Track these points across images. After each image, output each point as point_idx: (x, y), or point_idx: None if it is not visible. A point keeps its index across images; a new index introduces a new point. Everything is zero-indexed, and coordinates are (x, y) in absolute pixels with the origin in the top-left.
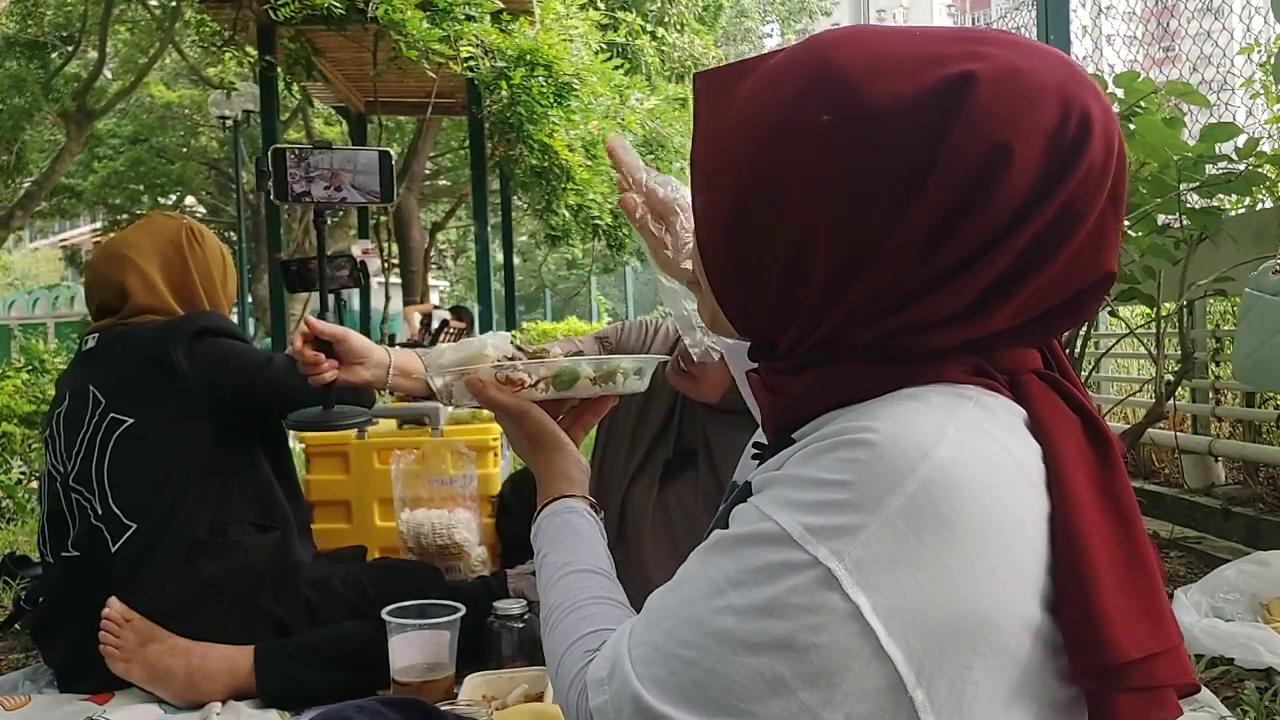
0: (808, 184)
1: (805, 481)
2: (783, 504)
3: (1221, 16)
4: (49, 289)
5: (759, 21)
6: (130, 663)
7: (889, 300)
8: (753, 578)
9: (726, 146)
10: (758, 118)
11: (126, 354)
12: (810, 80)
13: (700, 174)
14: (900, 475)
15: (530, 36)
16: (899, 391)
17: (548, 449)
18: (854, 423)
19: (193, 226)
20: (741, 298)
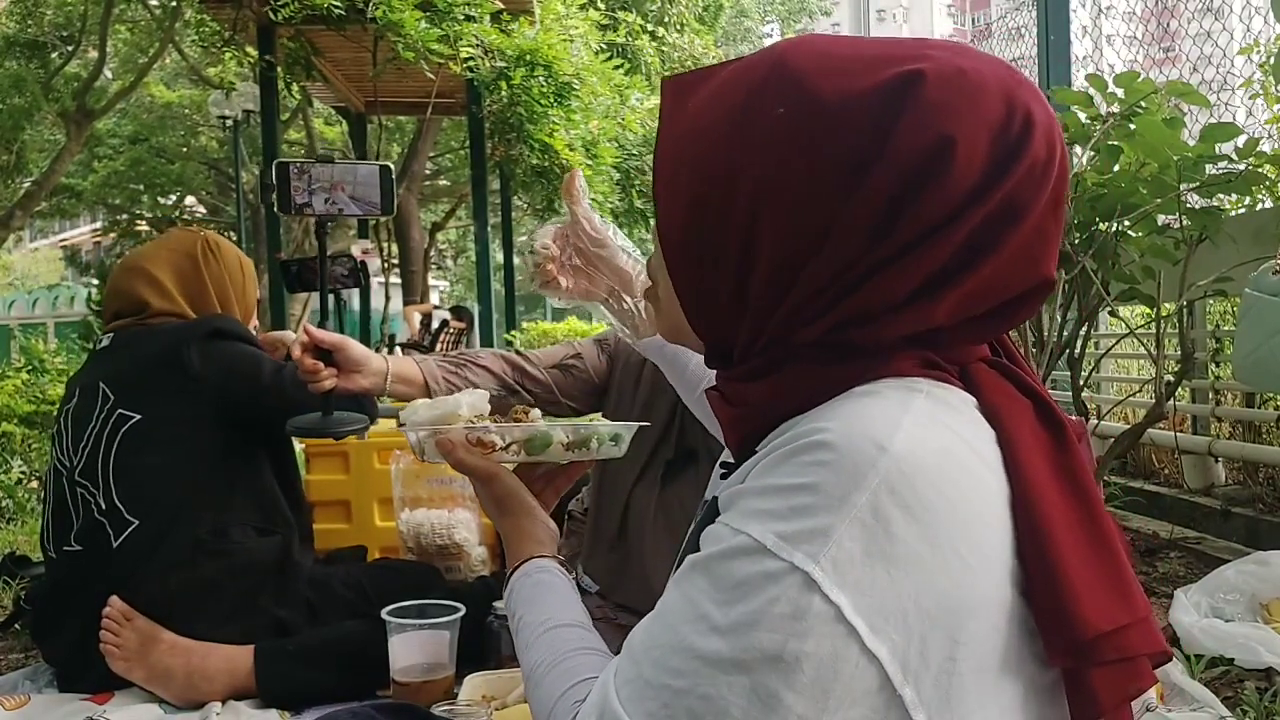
0: (759, 175)
1: (769, 490)
2: (751, 515)
3: (1221, 16)
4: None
5: (759, 21)
6: (130, 662)
7: (836, 289)
8: (733, 594)
9: (684, 147)
10: (713, 116)
11: (139, 352)
12: (765, 78)
13: (661, 179)
14: (861, 472)
15: (530, 36)
16: (852, 390)
17: (515, 513)
18: (809, 425)
19: (209, 238)
20: (699, 298)
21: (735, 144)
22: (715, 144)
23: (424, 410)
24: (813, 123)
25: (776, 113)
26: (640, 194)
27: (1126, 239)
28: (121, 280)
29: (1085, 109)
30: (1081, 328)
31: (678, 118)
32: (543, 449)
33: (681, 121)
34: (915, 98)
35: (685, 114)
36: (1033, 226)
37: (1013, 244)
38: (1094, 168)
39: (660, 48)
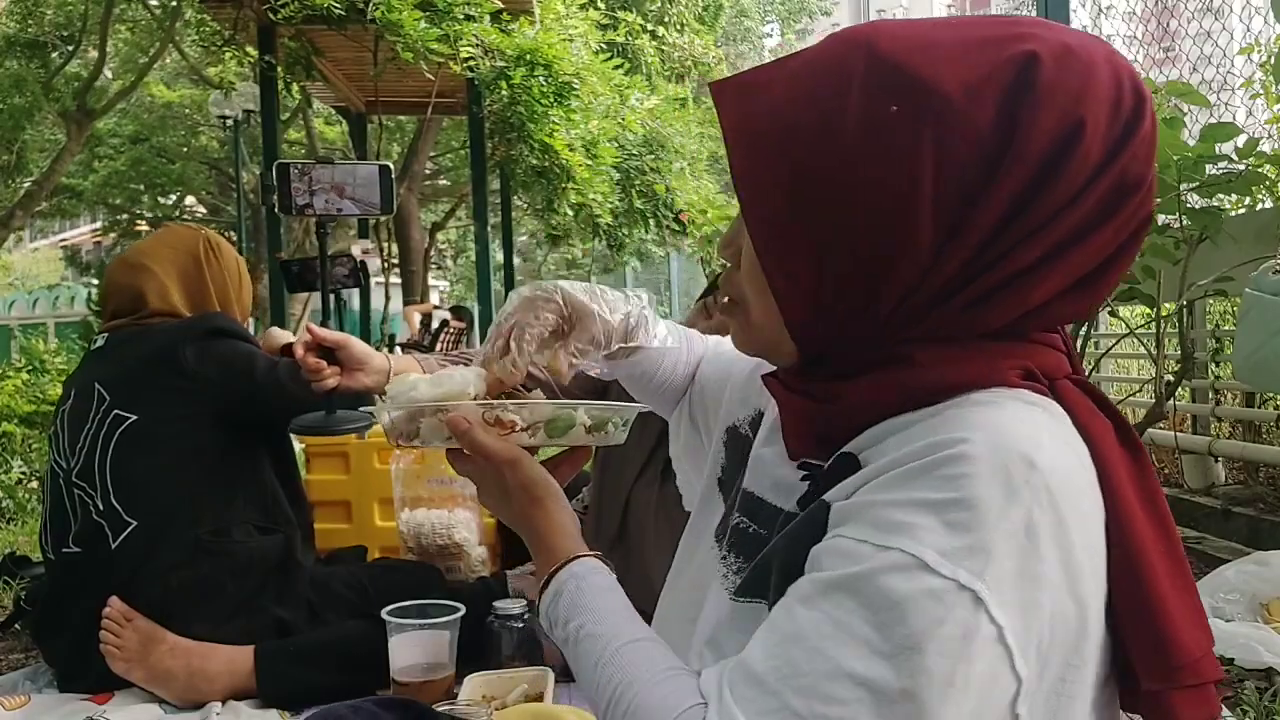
0: (878, 177)
1: (916, 504)
2: (897, 530)
3: (1221, 16)
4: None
5: (759, 21)
6: (130, 663)
7: (955, 284)
8: (892, 615)
9: (775, 154)
10: (801, 116)
11: (135, 353)
12: (865, 75)
13: (746, 186)
14: (1016, 488)
15: (530, 36)
16: (966, 397)
17: (543, 499)
18: (943, 436)
19: (210, 237)
20: (803, 300)
21: (836, 148)
22: (808, 153)
23: (425, 387)
24: (937, 120)
25: (889, 111)
26: (640, 194)
27: None
28: (122, 275)
29: None
30: (1082, 328)
31: (752, 120)
32: (565, 431)
33: (758, 123)
34: (1037, 82)
35: (760, 115)
36: (1146, 192)
37: (1125, 213)
38: None
39: (660, 48)
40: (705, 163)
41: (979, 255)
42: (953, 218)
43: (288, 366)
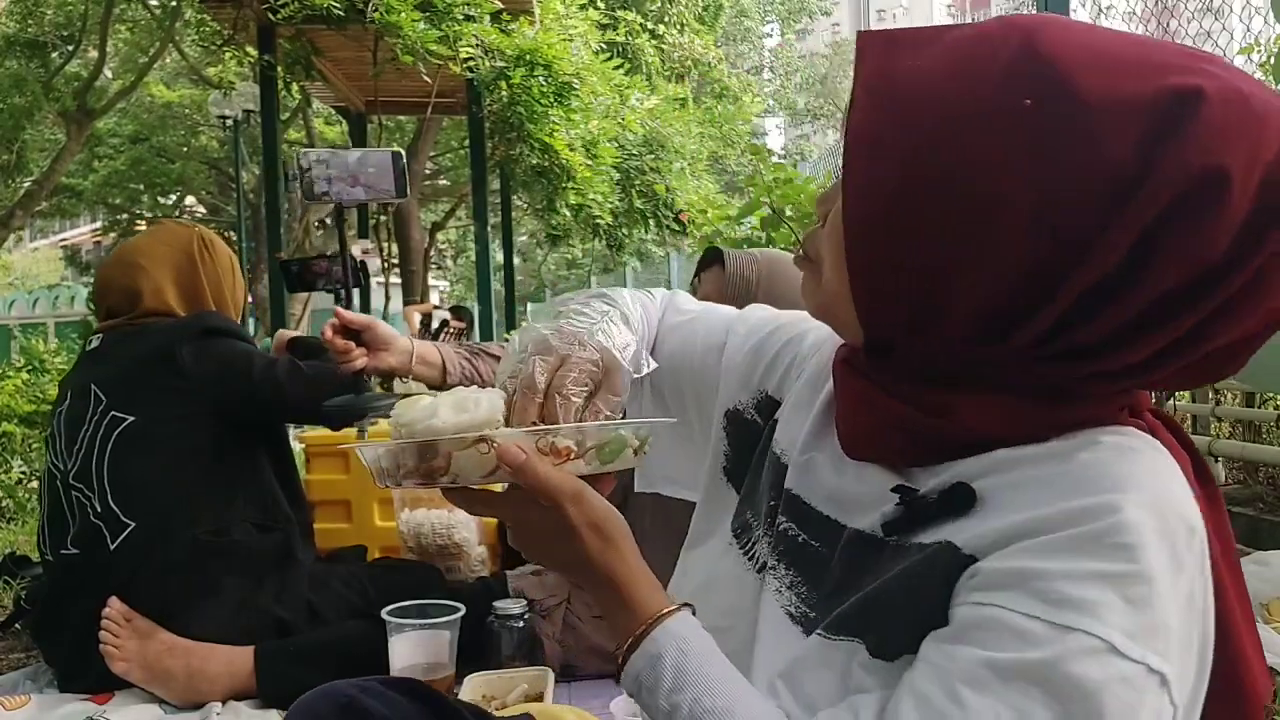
0: (1000, 171)
1: (1090, 578)
2: (1078, 608)
3: (1221, 16)
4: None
5: (759, 21)
6: (130, 663)
7: (1071, 314)
8: (1087, 707)
9: (900, 118)
10: (942, 92)
11: (131, 353)
12: (1012, 62)
13: (861, 143)
14: (1180, 556)
15: (530, 36)
16: (1089, 436)
17: (617, 540)
18: (1097, 497)
19: (204, 235)
20: (888, 284)
21: (967, 136)
22: (938, 132)
23: (448, 412)
24: (1068, 125)
25: (1023, 105)
26: (640, 194)
27: None
28: (116, 274)
29: None
30: None
31: (889, 80)
32: (617, 454)
33: (894, 83)
34: (1194, 118)
35: (900, 76)
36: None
37: (1263, 309)
38: None
39: (660, 47)
40: (705, 163)
41: (1098, 294)
42: (1074, 236)
43: (286, 364)
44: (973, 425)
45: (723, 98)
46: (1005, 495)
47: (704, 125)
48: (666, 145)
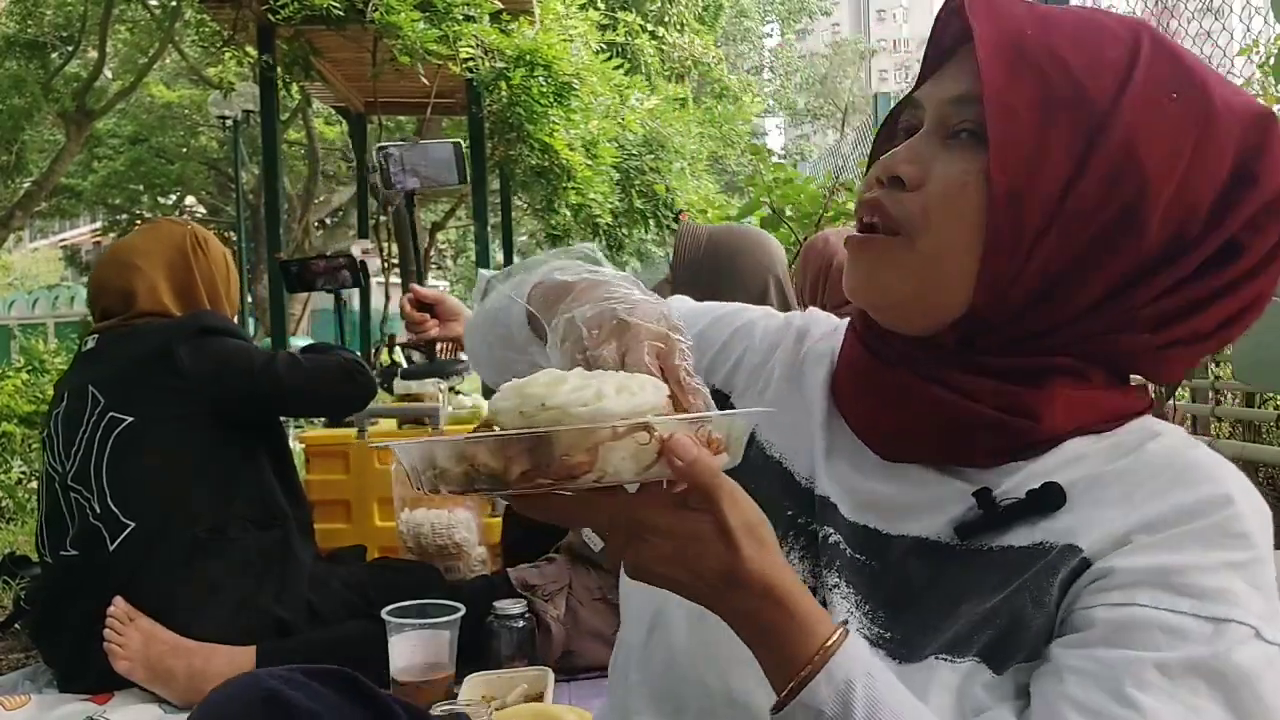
0: (1154, 158)
1: (1226, 568)
2: (1223, 599)
3: (1221, 16)
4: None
5: (759, 21)
6: (133, 662)
7: (1162, 307)
8: (1249, 692)
9: (1036, 78)
10: (1079, 58)
11: (127, 353)
12: (1150, 50)
13: (1000, 102)
14: (1271, 537)
15: (530, 36)
16: (1143, 425)
17: (772, 546)
18: (1211, 489)
19: (197, 232)
20: (1017, 253)
21: (1114, 104)
22: (1088, 93)
23: (615, 397)
24: (1206, 126)
25: (1170, 97)
26: (640, 194)
27: None
28: (111, 274)
29: None
30: None
31: (1021, 39)
32: (740, 449)
33: (1027, 42)
34: (1276, 135)
35: (1032, 39)
36: None
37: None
38: None
39: (660, 48)
40: (705, 163)
41: (1183, 283)
42: (1180, 231)
43: (285, 357)
44: (1060, 423)
45: (723, 98)
46: (1093, 492)
47: (704, 125)
48: (666, 145)
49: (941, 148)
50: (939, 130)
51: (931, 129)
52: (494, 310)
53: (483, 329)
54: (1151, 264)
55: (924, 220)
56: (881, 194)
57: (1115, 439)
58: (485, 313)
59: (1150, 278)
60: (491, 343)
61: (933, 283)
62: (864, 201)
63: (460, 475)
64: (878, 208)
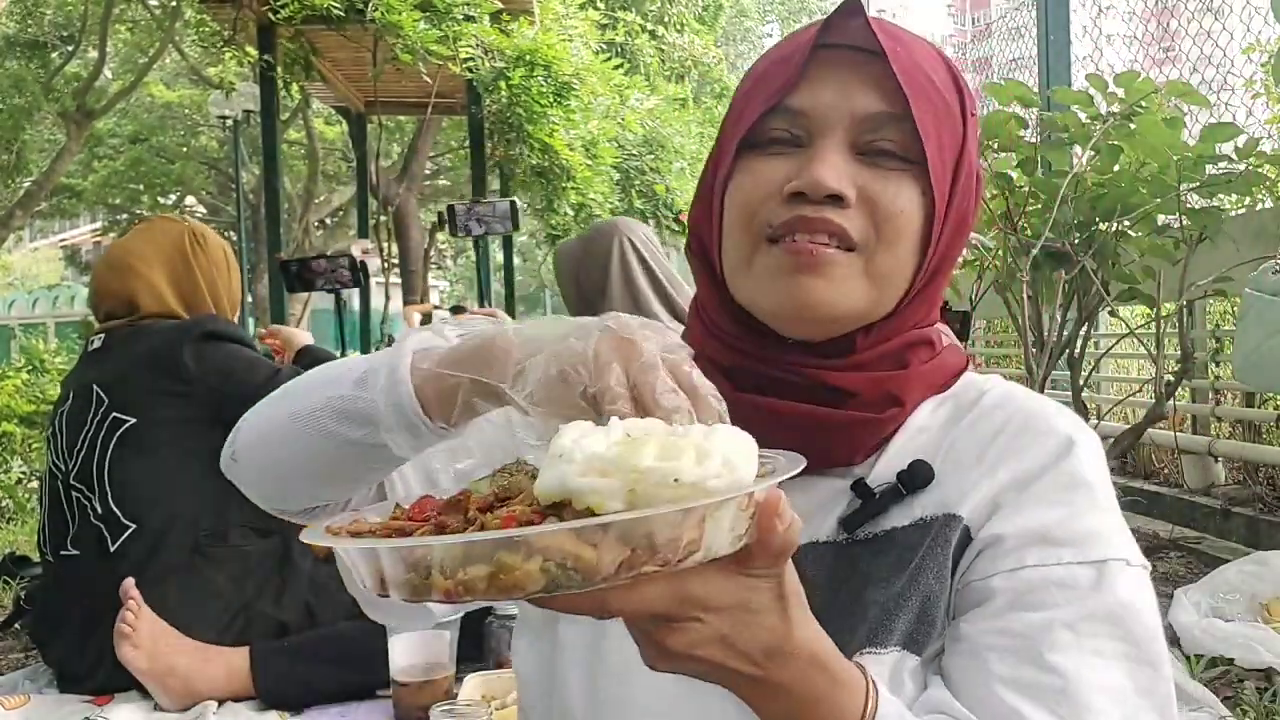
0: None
1: (1083, 509)
2: (1094, 540)
3: (1221, 16)
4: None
5: (759, 21)
6: (140, 650)
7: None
8: (1135, 620)
9: (941, 113)
10: (940, 74)
11: (132, 354)
12: (958, 70)
13: (931, 135)
14: (1104, 464)
15: (529, 36)
16: (971, 377)
17: (808, 609)
18: (1055, 437)
19: (194, 229)
20: (950, 258)
21: (965, 119)
22: (958, 119)
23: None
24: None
25: (974, 112)
26: (640, 194)
27: (1126, 239)
28: (111, 280)
29: (1085, 109)
30: (1081, 328)
31: (919, 73)
32: None
33: (923, 78)
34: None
35: (919, 72)
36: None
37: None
38: (1094, 168)
39: (660, 48)
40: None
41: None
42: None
43: (290, 373)
44: (916, 399)
45: (723, 98)
46: (951, 457)
47: (704, 125)
48: (666, 145)
49: (864, 166)
50: (850, 146)
51: (842, 143)
52: (334, 410)
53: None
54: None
55: (878, 240)
56: (831, 211)
57: (953, 400)
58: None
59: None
60: (314, 456)
61: (879, 298)
62: (810, 219)
63: (533, 573)
64: (829, 224)
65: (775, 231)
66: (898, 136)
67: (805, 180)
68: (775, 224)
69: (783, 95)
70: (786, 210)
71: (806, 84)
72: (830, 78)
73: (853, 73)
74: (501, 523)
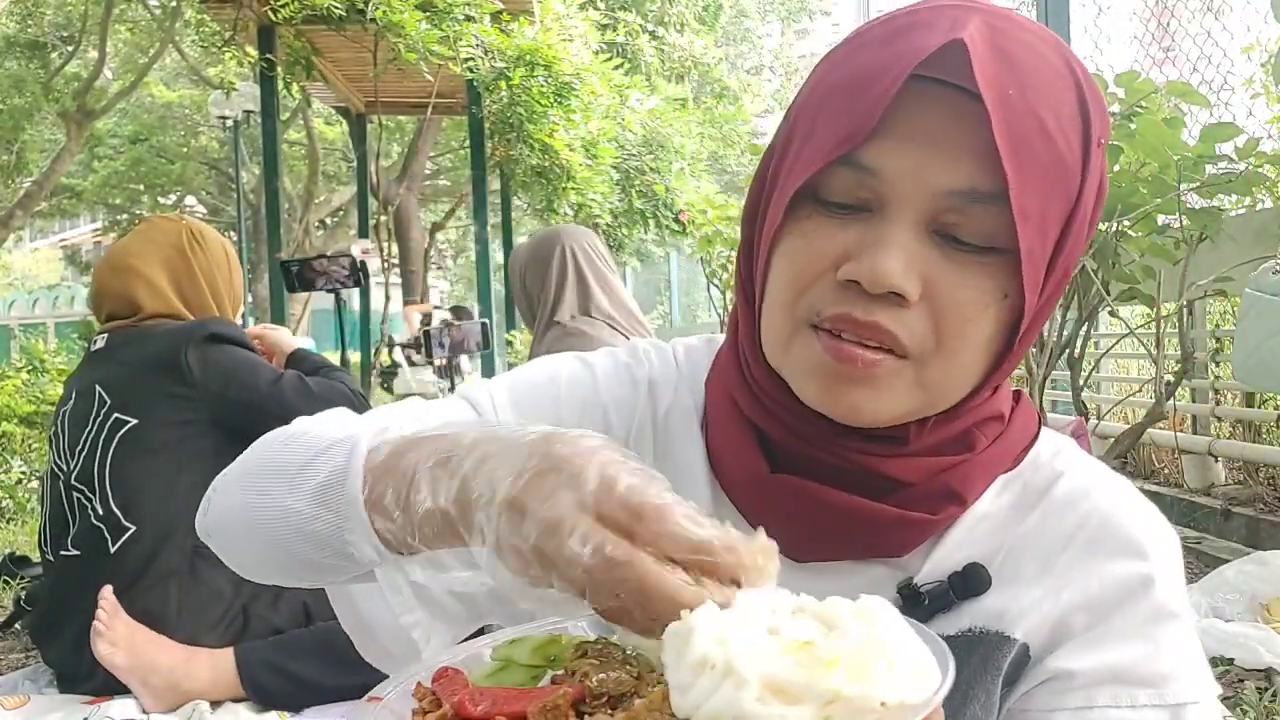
0: (1098, 199)
1: (1164, 648)
2: (1172, 682)
3: (1221, 16)
4: (49, 289)
5: (759, 21)
6: (117, 648)
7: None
8: None
9: (1041, 166)
10: (1062, 108)
11: (135, 356)
12: (1090, 91)
13: (1023, 205)
14: (1182, 582)
15: (530, 36)
16: (1043, 450)
17: None
18: (1130, 568)
19: (193, 227)
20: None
21: (1077, 168)
22: (1066, 162)
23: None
24: (1103, 165)
25: (1101, 143)
26: (640, 194)
27: (1126, 239)
28: (112, 282)
29: None
30: (1081, 328)
31: (1024, 120)
32: None
33: (1028, 125)
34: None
35: (1028, 115)
36: None
37: None
38: None
39: (660, 48)
40: (705, 163)
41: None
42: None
43: (293, 382)
44: (980, 489)
45: (723, 98)
46: (1010, 564)
47: (704, 125)
48: (666, 145)
49: (938, 251)
50: (927, 225)
51: (918, 219)
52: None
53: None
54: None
55: (936, 345)
56: (882, 315)
57: (1021, 483)
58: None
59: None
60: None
61: (934, 400)
62: (861, 322)
63: None
64: (879, 330)
65: (821, 321)
66: (988, 219)
67: (865, 269)
68: (823, 314)
69: (854, 143)
70: (836, 298)
71: (887, 133)
72: (917, 129)
73: (946, 125)
74: None
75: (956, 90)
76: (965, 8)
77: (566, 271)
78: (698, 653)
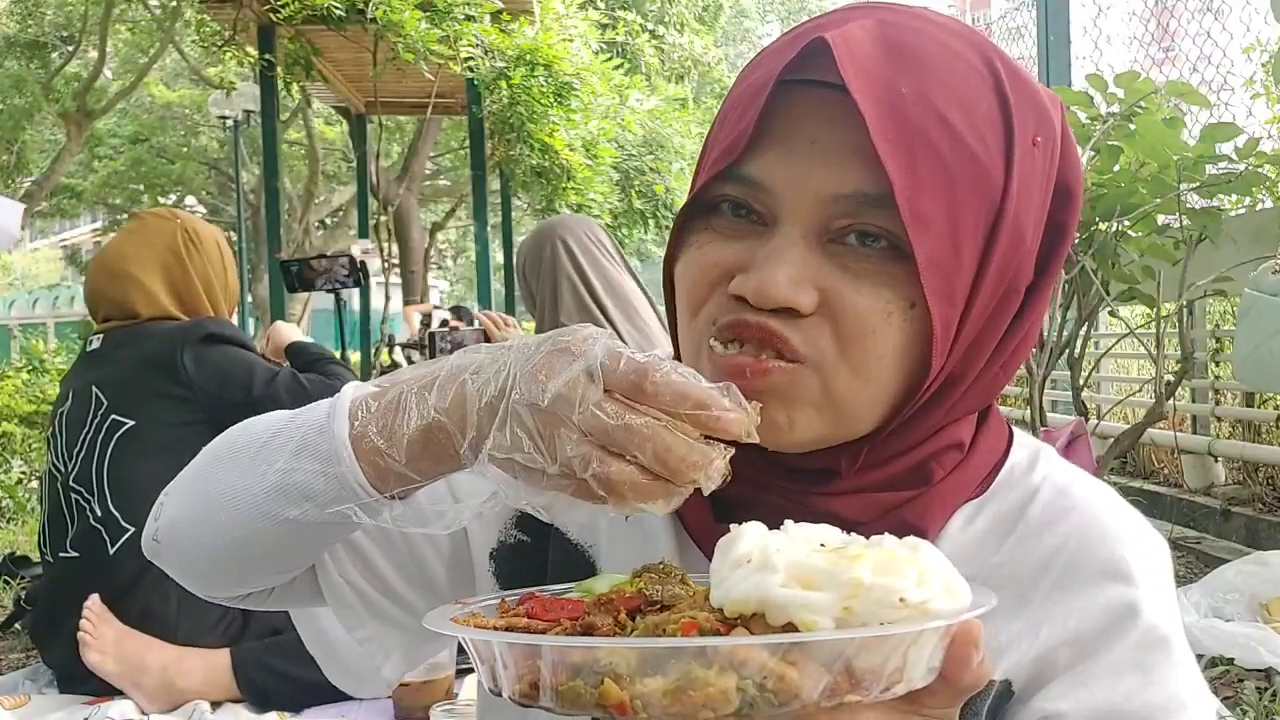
0: (1030, 206)
1: (1157, 681)
2: (1165, 710)
3: (1221, 16)
4: (49, 289)
5: (759, 21)
6: (105, 655)
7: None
8: None
9: (934, 162)
10: (957, 118)
11: (131, 356)
12: (1013, 86)
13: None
14: (1173, 597)
15: (530, 36)
16: (1016, 466)
17: None
18: (1113, 596)
19: (187, 226)
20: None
21: (997, 168)
22: (975, 163)
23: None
24: (1052, 155)
25: (1033, 142)
26: (640, 194)
27: (1126, 239)
28: (106, 285)
29: (1085, 109)
30: (1081, 328)
31: (907, 112)
32: None
33: (916, 117)
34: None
35: (913, 106)
36: None
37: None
38: (1094, 168)
39: (660, 48)
40: None
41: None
42: (1035, 266)
43: (288, 379)
44: (943, 521)
45: (722, 98)
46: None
47: (704, 125)
48: (666, 145)
49: (831, 260)
50: (818, 233)
51: (809, 232)
52: (270, 488)
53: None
54: (1016, 311)
55: (839, 354)
56: (774, 323)
57: (992, 507)
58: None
59: (1014, 324)
60: (248, 539)
61: (846, 420)
62: (750, 324)
63: (727, 691)
64: (768, 332)
65: (718, 334)
66: (886, 223)
67: (751, 283)
68: (719, 325)
69: (733, 155)
70: (731, 308)
71: (771, 143)
72: (799, 135)
73: (826, 128)
74: (681, 630)
75: (842, 92)
76: (869, 8)
77: (563, 269)
78: (740, 551)
